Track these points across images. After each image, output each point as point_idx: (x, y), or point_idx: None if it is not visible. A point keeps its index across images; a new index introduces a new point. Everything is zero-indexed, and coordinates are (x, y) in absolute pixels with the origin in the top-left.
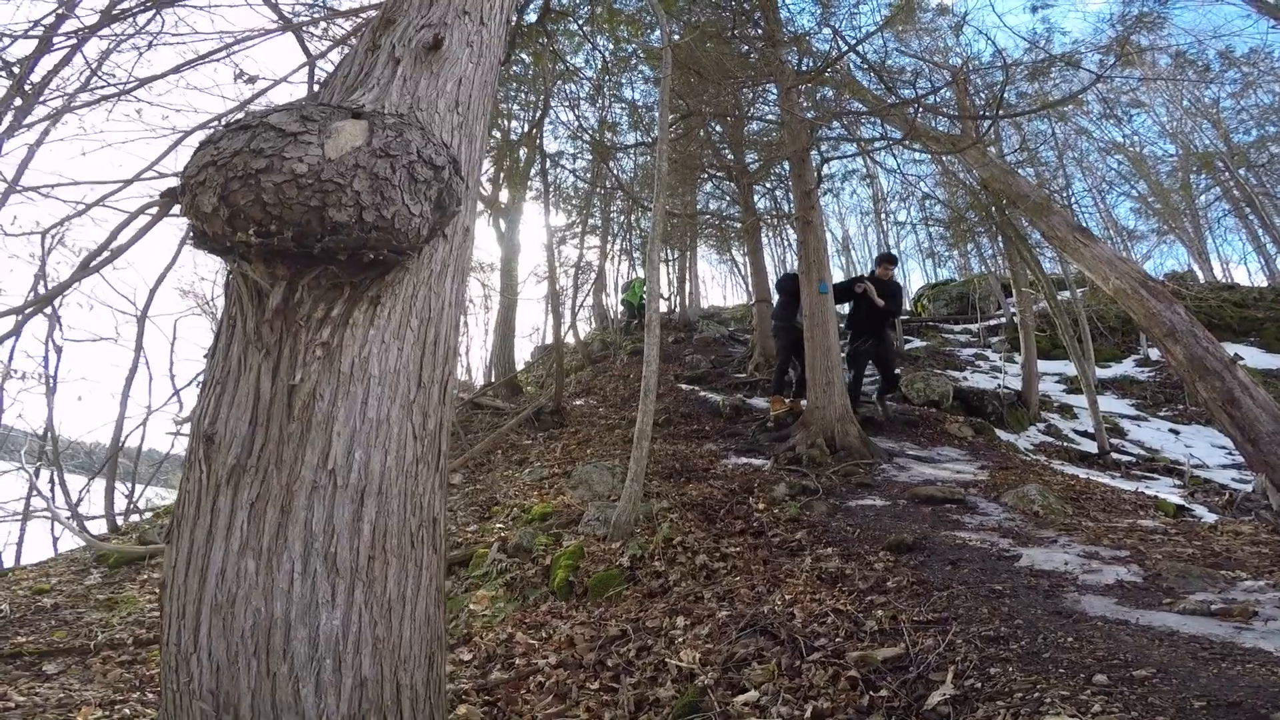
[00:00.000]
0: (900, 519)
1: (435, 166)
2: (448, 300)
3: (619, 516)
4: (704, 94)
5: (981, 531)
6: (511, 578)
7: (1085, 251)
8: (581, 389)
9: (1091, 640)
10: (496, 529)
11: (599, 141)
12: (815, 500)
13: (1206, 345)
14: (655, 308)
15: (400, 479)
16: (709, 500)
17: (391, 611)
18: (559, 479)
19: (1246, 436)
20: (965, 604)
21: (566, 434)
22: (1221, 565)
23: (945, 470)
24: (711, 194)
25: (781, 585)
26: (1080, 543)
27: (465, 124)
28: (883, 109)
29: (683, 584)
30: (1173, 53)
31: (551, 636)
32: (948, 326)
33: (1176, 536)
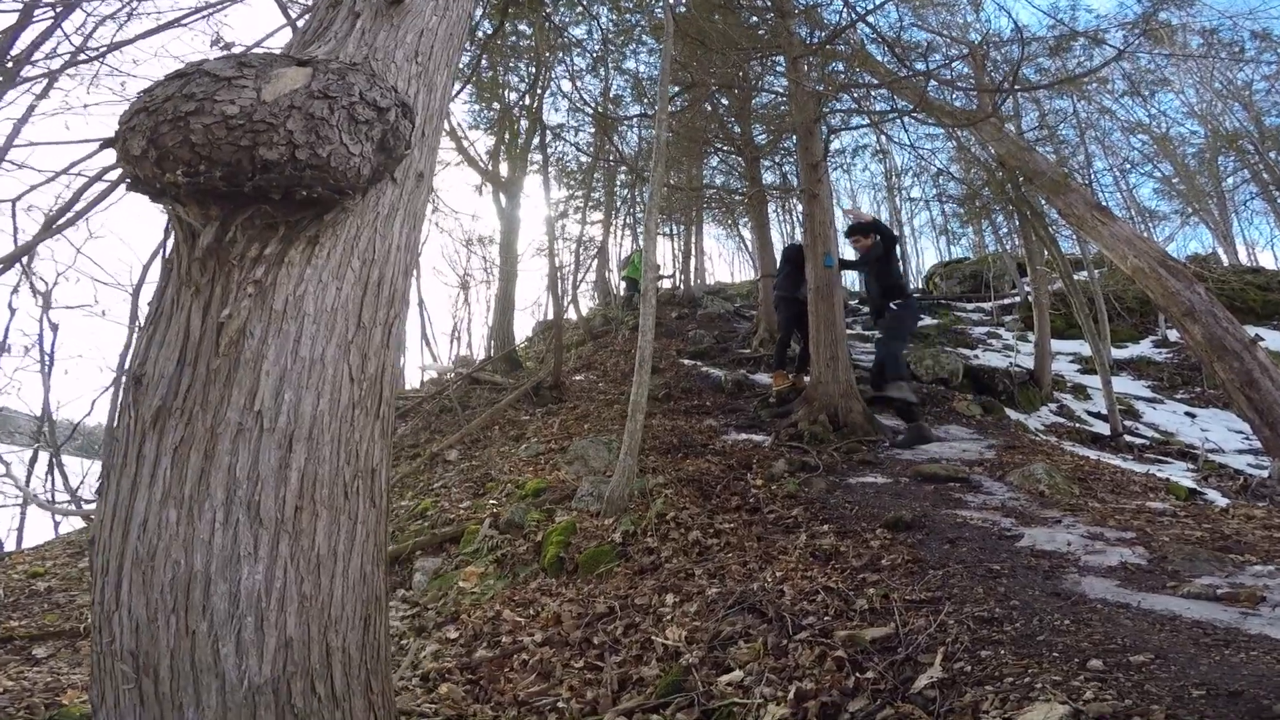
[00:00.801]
0: (901, 497)
1: (379, 109)
2: (396, 244)
3: (612, 492)
4: (710, 66)
5: (984, 510)
6: (502, 554)
7: (1103, 230)
8: (582, 364)
9: (1089, 623)
10: (490, 505)
11: (601, 114)
12: (815, 477)
13: (1226, 325)
14: (652, 278)
15: (334, 424)
16: (706, 476)
17: (321, 567)
18: (555, 455)
19: (1265, 420)
20: (960, 583)
21: (565, 409)
22: (1230, 549)
23: (951, 449)
24: (718, 168)
25: (774, 562)
26: (1085, 523)
27: (424, 73)
28: (893, 81)
29: (674, 560)
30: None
31: (539, 614)
32: (960, 305)
33: (1185, 519)
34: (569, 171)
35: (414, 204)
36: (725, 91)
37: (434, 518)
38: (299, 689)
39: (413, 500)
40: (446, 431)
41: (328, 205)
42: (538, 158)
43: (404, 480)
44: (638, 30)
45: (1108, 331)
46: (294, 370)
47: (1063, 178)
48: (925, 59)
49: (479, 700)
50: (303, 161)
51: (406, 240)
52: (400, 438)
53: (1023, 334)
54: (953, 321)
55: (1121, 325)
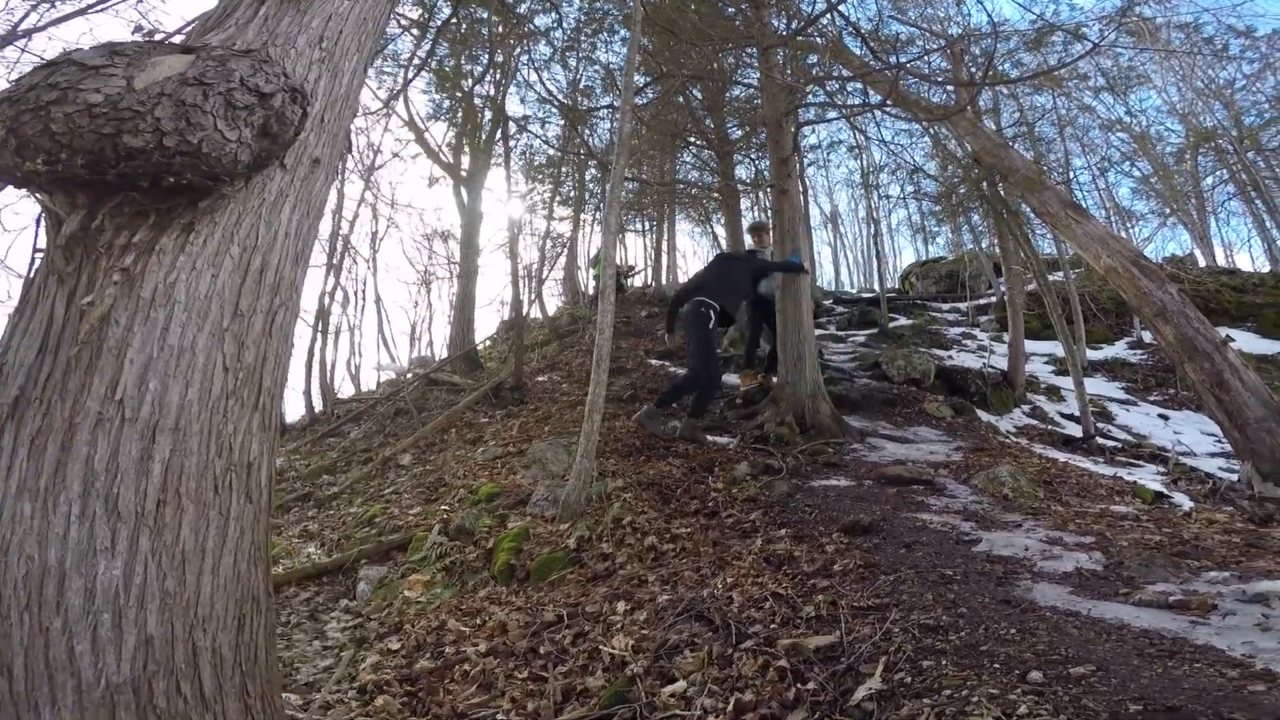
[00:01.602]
0: (862, 500)
1: (262, 94)
2: (284, 230)
3: (568, 496)
4: (683, 57)
5: (945, 514)
6: (451, 562)
7: (1077, 229)
8: (546, 364)
9: (1035, 632)
10: (441, 511)
11: (569, 105)
12: (777, 480)
13: (1198, 326)
14: (611, 274)
15: (204, 415)
16: (667, 479)
17: (186, 564)
18: (513, 458)
19: (1234, 422)
20: (911, 589)
21: (526, 411)
22: (1189, 554)
23: (918, 450)
24: (691, 164)
25: (727, 568)
26: (1045, 527)
27: (329, 59)
28: (866, 74)
29: (629, 566)
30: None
31: (486, 624)
32: (936, 305)
33: (1147, 523)
34: (536, 165)
35: (308, 190)
36: (699, 84)
37: (382, 525)
38: (162, 689)
39: (361, 507)
40: (401, 435)
41: (203, 192)
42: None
43: (354, 486)
44: (608, 19)
45: (1083, 332)
46: (161, 358)
47: (1037, 175)
48: (895, 51)
49: (416, 713)
50: (171, 148)
51: (297, 227)
52: (352, 442)
53: (998, 335)
54: (928, 322)
55: (1097, 326)
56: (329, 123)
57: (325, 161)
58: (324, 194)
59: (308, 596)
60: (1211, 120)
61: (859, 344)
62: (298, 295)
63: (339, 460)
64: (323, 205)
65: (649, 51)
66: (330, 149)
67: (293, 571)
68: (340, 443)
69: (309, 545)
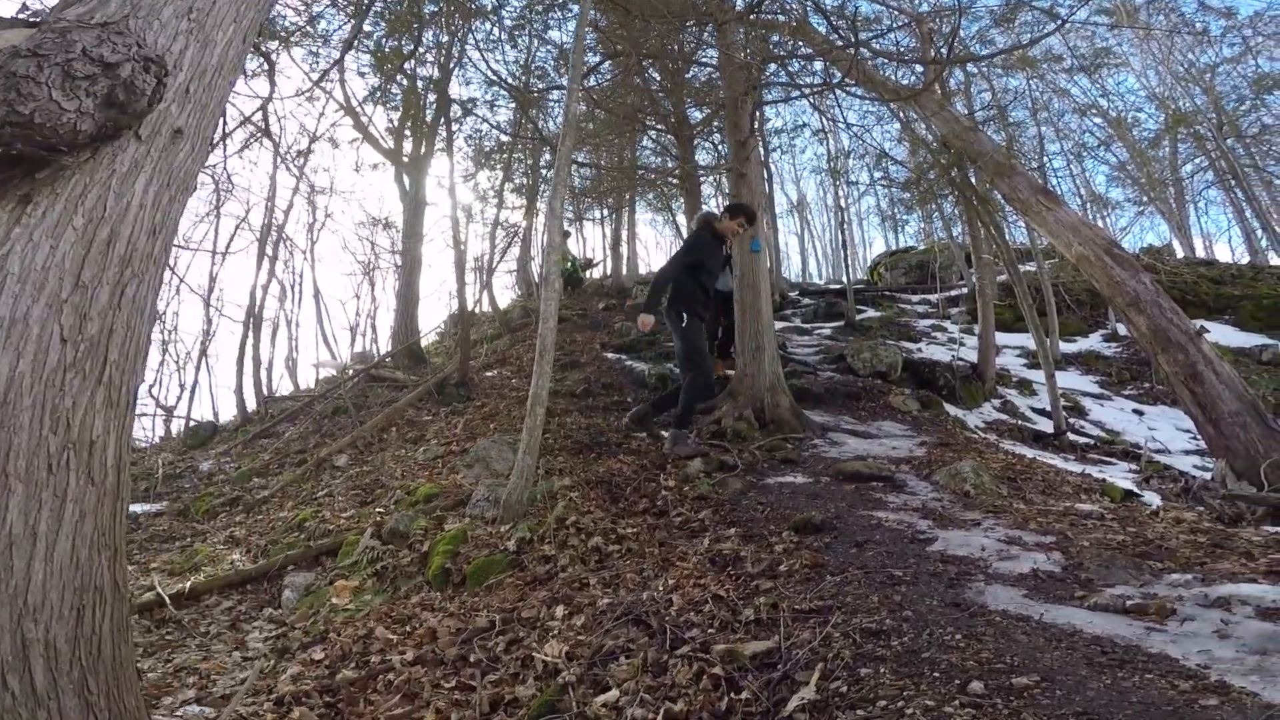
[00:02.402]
0: (818, 498)
1: (106, 64)
2: (138, 202)
3: (508, 496)
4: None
5: (902, 512)
6: (383, 567)
7: (1048, 216)
8: (495, 359)
9: (982, 639)
10: (375, 514)
11: (519, 88)
12: (731, 477)
13: (1171, 317)
14: (555, 260)
15: (37, 388)
16: (616, 477)
17: (14, 549)
18: (455, 457)
19: (1207, 416)
20: (856, 591)
21: (472, 408)
22: (1151, 555)
23: (881, 446)
24: (651, 149)
25: (671, 569)
26: (1005, 526)
27: (199, 29)
28: (827, 50)
29: (571, 569)
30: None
31: (415, 631)
32: (905, 297)
33: (1111, 522)
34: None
35: (167, 162)
36: (657, 64)
37: (312, 529)
38: None
39: (292, 511)
40: (338, 435)
41: (40, 163)
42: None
43: (285, 489)
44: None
45: (1056, 324)
46: None
47: (1007, 159)
48: (859, 29)
49: None
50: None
51: (154, 199)
52: (286, 443)
53: (969, 327)
54: (897, 314)
55: (1071, 318)
56: (196, 93)
57: (190, 133)
58: (190, 166)
59: (229, 605)
60: (1191, 106)
61: (825, 337)
62: (157, 268)
63: (271, 462)
64: (189, 178)
65: (603, 29)
66: (198, 120)
67: (214, 579)
68: (274, 444)
69: (234, 552)
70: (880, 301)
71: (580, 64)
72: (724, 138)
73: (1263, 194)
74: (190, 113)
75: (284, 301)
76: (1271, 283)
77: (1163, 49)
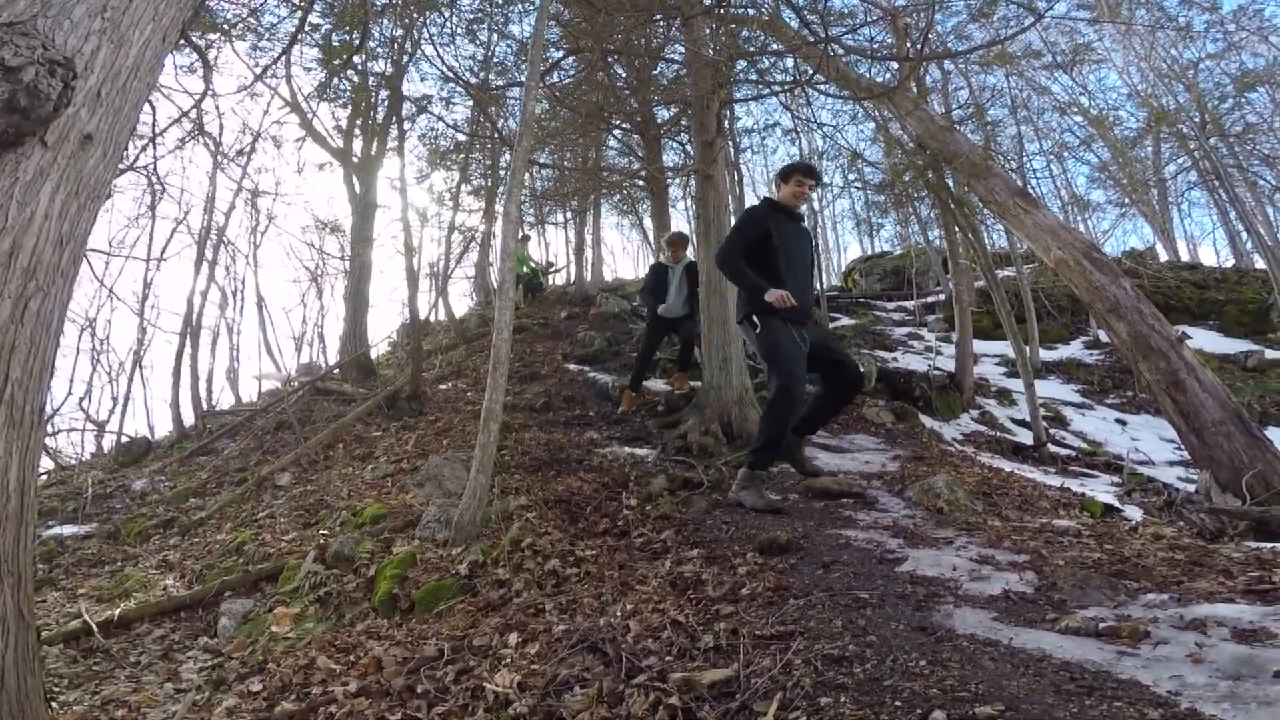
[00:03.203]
0: (786, 516)
1: (7, 68)
2: (43, 212)
3: (461, 516)
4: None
5: (872, 530)
6: (326, 592)
7: (1025, 219)
8: (451, 371)
9: (947, 665)
10: (319, 536)
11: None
12: (696, 495)
13: (1153, 323)
14: (509, 266)
15: None
16: (576, 496)
17: None
18: (405, 475)
19: (1190, 425)
20: (820, 615)
21: (424, 423)
22: (1128, 574)
23: (853, 461)
24: (617, 149)
25: (630, 593)
26: (979, 544)
27: (113, 29)
28: (797, 46)
29: (526, 594)
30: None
31: (360, 660)
32: (880, 303)
33: (1088, 539)
34: (440, 151)
35: (76, 169)
36: (622, 60)
37: (251, 553)
38: None
39: (230, 534)
40: (281, 451)
41: None
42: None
43: (223, 510)
44: None
45: (1035, 332)
46: None
47: (983, 159)
48: (830, 24)
49: None
50: None
51: (61, 208)
52: (225, 460)
53: (946, 334)
54: (871, 322)
55: (1052, 325)
56: (109, 96)
57: (102, 138)
58: (102, 174)
59: (162, 634)
60: (1174, 104)
61: None
62: (65, 280)
63: (209, 481)
64: (101, 185)
65: (566, 23)
66: (110, 124)
67: (146, 605)
68: (212, 461)
69: (167, 577)
70: (854, 309)
71: (540, 59)
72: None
73: (1247, 195)
74: (102, 117)
75: (224, 309)
76: (1256, 287)
77: (1144, 45)
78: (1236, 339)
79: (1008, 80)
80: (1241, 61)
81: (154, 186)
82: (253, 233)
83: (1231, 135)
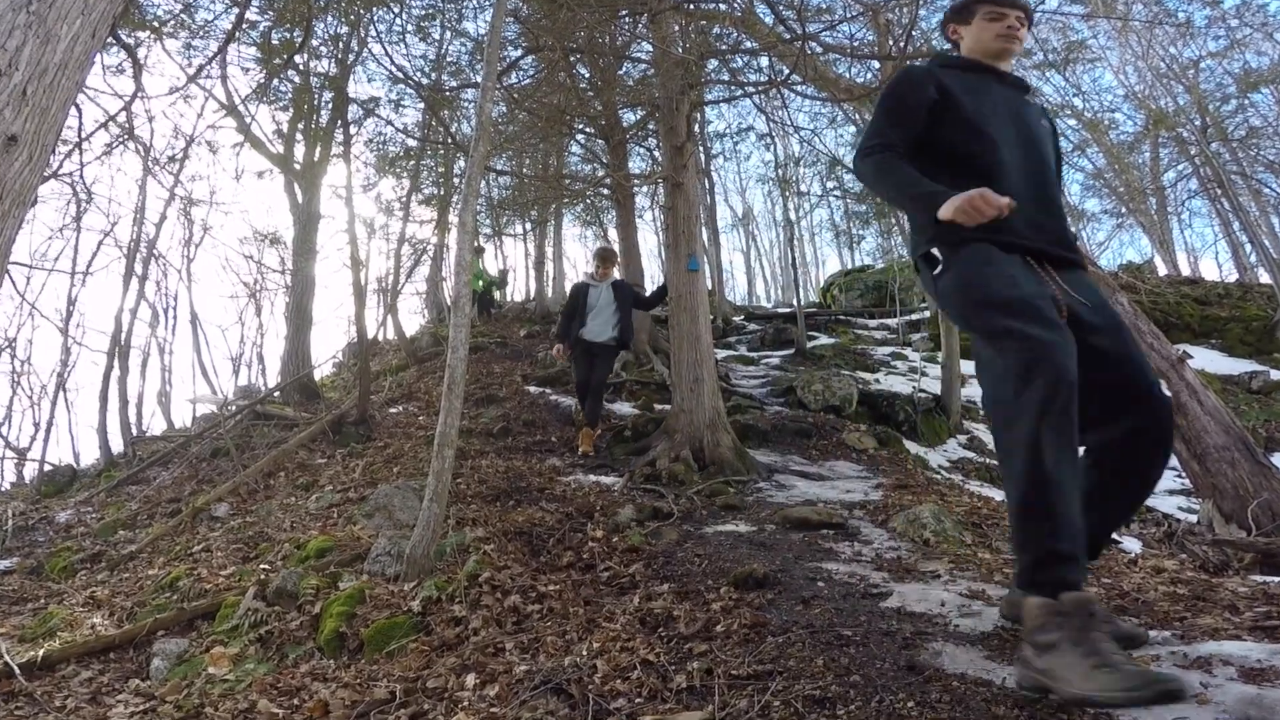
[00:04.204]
0: (762, 548)
1: None
2: None
3: (413, 549)
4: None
5: (855, 563)
6: (268, 631)
7: None
8: (401, 393)
9: (936, 706)
10: (259, 571)
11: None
12: (666, 526)
13: (1151, 341)
14: (466, 281)
15: None
16: (538, 527)
17: None
18: (353, 506)
19: (1192, 451)
20: (800, 654)
21: (373, 449)
22: (1127, 610)
23: (833, 489)
24: (580, 155)
25: (597, 630)
26: (969, 578)
27: (39, 23)
28: (772, 44)
29: (484, 632)
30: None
31: (305, 704)
32: (862, 321)
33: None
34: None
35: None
36: (587, 60)
37: (186, 589)
38: None
39: (164, 568)
40: (218, 480)
41: None
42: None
43: (156, 544)
44: None
45: None
46: None
47: None
48: (801, 19)
49: None
50: None
51: None
52: (158, 490)
53: (932, 355)
54: (852, 341)
55: None
56: (35, 95)
57: (28, 139)
58: (28, 177)
59: (90, 676)
60: (1173, 106)
61: (773, 366)
62: None
63: (140, 512)
64: (26, 190)
65: (525, 20)
66: (36, 125)
67: (72, 646)
68: (143, 491)
69: (95, 615)
70: (834, 327)
71: (497, 58)
72: (659, 142)
73: (1251, 204)
74: (28, 117)
75: (156, 328)
76: (1261, 303)
77: (1142, 42)
78: (1241, 359)
79: None
80: (1245, 60)
81: (80, 195)
82: (186, 245)
83: (1235, 140)
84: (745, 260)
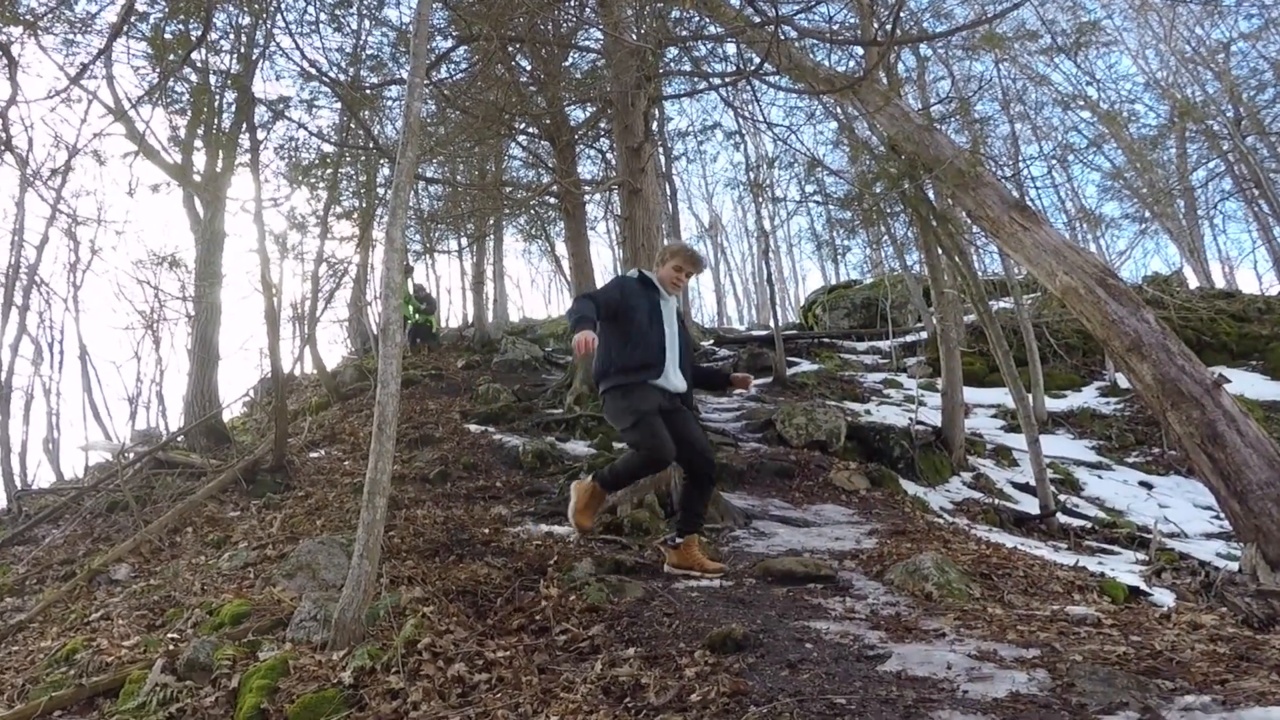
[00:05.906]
0: (741, 605)
1: None
2: None
3: (342, 613)
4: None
5: (847, 621)
6: (179, 709)
7: (1024, 238)
8: (324, 435)
9: None
10: (167, 640)
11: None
12: (631, 582)
13: (1183, 363)
14: (396, 305)
15: None
16: (483, 585)
17: None
18: (271, 564)
19: (1231, 489)
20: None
21: (292, 499)
22: (1161, 671)
23: (820, 537)
24: (523, 160)
25: (553, 702)
26: (978, 637)
27: None
28: (740, 29)
29: (425, 705)
30: None
31: None
32: (849, 344)
33: (1109, 630)
34: (302, 165)
35: None
36: (528, 50)
37: (85, 662)
38: None
39: (58, 640)
40: (116, 538)
41: None
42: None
43: (48, 611)
44: None
45: (1040, 376)
46: None
47: (971, 166)
48: (774, 0)
49: None
50: None
51: None
52: (47, 550)
53: (929, 382)
54: (838, 367)
55: (1059, 368)
56: None
57: None
58: None
59: None
60: (1201, 95)
61: (748, 397)
62: None
63: (28, 576)
64: None
65: (456, 5)
66: None
67: None
68: (30, 552)
69: None
70: (817, 351)
71: (424, 50)
72: (613, 143)
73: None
74: None
75: (39, 365)
76: None
77: (1164, 22)
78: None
79: (998, 68)
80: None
81: None
82: (72, 270)
83: (1273, 133)
84: (714, 276)
